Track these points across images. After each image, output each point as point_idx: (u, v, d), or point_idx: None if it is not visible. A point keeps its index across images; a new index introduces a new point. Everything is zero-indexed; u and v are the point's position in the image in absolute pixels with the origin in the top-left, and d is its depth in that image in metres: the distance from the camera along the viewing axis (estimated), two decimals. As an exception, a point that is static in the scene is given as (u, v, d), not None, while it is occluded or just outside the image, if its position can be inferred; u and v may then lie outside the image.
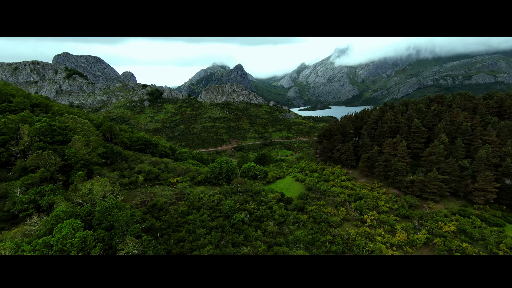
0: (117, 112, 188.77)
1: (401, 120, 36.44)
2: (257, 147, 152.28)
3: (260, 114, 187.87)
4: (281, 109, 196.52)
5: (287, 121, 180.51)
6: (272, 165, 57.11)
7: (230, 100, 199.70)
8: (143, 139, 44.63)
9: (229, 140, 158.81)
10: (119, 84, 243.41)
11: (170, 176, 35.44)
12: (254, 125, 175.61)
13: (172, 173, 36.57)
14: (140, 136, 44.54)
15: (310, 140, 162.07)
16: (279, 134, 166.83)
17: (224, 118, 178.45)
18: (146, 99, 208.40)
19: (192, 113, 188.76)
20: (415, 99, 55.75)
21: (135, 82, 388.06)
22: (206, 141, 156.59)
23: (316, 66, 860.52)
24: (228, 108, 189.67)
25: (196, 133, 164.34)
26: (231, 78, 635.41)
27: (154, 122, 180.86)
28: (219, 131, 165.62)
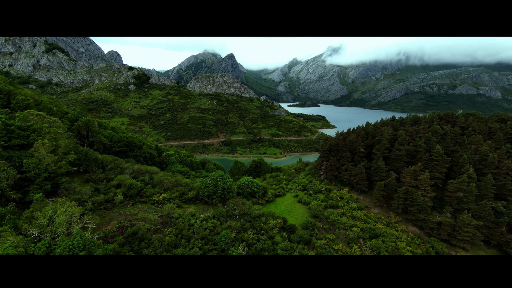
0: (99, 94, 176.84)
1: (420, 143, 32.89)
2: (246, 143, 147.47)
3: (250, 109, 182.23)
4: (272, 105, 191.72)
5: (277, 118, 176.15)
6: (269, 175, 52.29)
7: (220, 91, 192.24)
8: (125, 139, 38.19)
9: (217, 134, 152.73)
10: (104, 64, 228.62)
11: (156, 191, 29.89)
12: (243, 119, 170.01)
13: (158, 187, 30.96)
14: (122, 136, 38.02)
15: (300, 139, 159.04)
16: (269, 131, 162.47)
17: (213, 110, 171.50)
18: (131, 83, 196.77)
19: (180, 101, 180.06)
20: (424, 115, 52.51)
21: (121, 62, 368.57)
22: (193, 133, 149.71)
23: (308, 63, 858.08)
24: (218, 99, 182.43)
25: (183, 124, 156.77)
26: (221, 67, 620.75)
27: (139, 108, 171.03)
28: (207, 123, 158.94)
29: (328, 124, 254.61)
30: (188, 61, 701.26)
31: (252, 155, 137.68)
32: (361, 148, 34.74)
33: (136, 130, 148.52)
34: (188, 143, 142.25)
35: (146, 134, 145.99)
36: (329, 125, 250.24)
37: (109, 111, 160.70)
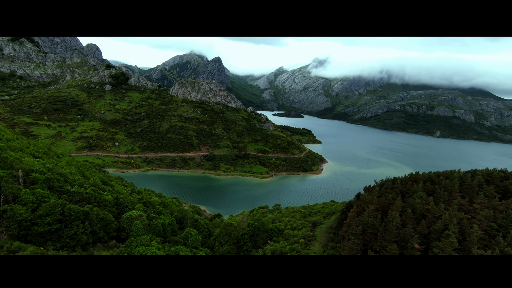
0: (69, 92, 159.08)
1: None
2: (230, 159, 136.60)
3: (236, 120, 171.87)
4: (259, 118, 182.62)
5: (264, 132, 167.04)
6: (270, 246, 39.19)
7: (205, 99, 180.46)
8: (59, 210, 22.50)
9: (199, 146, 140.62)
10: (78, 59, 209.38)
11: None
12: (229, 131, 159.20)
13: None
14: (57, 203, 23.07)
15: (287, 157, 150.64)
16: (255, 146, 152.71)
17: (197, 120, 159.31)
18: (108, 82, 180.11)
19: (160, 107, 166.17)
20: (444, 172, 44.67)
21: (100, 57, 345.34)
22: (172, 144, 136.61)
23: (294, 72, 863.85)
24: (202, 108, 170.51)
25: (162, 133, 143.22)
26: (207, 70, 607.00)
27: (113, 112, 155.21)
28: (189, 134, 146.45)
29: (314, 139, 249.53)
30: (173, 61, 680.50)
31: (237, 173, 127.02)
32: (415, 243, 25.32)
33: (107, 137, 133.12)
34: (166, 156, 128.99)
35: (119, 143, 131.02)
36: (315, 140, 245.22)
37: (78, 113, 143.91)
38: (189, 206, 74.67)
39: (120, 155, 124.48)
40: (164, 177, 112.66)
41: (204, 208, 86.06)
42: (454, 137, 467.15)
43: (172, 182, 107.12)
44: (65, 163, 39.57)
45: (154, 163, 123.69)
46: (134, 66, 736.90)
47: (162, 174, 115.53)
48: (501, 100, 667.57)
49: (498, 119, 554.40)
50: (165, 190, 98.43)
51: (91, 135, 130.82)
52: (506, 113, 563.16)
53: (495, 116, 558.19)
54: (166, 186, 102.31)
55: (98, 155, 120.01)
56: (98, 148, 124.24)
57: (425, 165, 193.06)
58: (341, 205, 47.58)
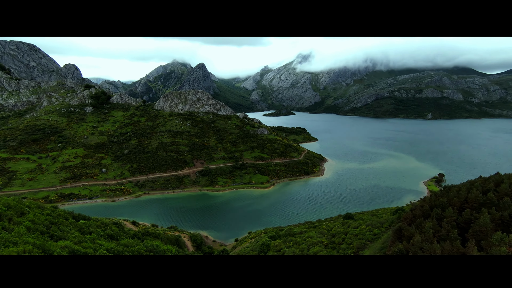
0: (47, 119, 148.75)
1: None
2: (227, 171, 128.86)
3: (229, 128, 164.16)
4: (252, 123, 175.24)
5: (259, 138, 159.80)
6: None
7: (194, 110, 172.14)
8: None
9: (193, 162, 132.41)
10: (54, 83, 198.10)
11: None
12: (222, 141, 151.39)
13: None
14: None
15: (287, 162, 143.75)
16: (252, 154, 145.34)
17: (187, 133, 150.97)
18: (88, 104, 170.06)
19: (147, 124, 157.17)
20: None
21: (80, 76, 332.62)
22: (164, 163, 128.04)
23: (279, 70, 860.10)
24: (191, 120, 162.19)
25: (152, 152, 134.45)
26: (192, 78, 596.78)
27: (97, 135, 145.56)
28: (181, 149, 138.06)
29: (309, 136, 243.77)
30: (157, 72, 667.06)
31: (236, 186, 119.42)
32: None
33: (93, 163, 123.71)
34: (158, 177, 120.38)
35: (106, 169, 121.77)
36: (311, 138, 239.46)
37: (59, 141, 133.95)
38: (189, 238, 66.78)
39: (109, 181, 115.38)
40: (158, 201, 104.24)
41: (206, 234, 78.28)
42: (445, 117, 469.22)
43: (168, 206, 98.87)
44: None
45: (147, 186, 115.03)
46: (117, 81, 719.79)
47: (156, 198, 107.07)
48: (485, 75, 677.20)
49: (485, 95, 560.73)
50: (161, 217, 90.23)
51: (75, 164, 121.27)
52: (492, 88, 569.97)
53: (482, 92, 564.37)
54: (162, 212, 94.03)
55: (85, 185, 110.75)
56: (83, 177, 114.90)
57: (425, 152, 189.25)
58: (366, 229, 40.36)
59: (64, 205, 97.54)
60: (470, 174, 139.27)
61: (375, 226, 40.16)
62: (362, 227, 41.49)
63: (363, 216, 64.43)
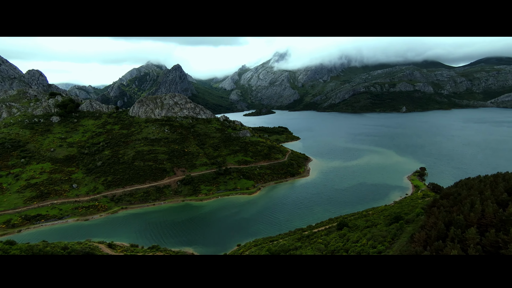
0: (7, 133, 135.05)
1: None
2: (210, 178, 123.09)
3: (210, 132, 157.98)
4: (234, 125, 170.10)
5: (242, 141, 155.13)
6: None
7: (171, 114, 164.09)
8: None
9: (173, 170, 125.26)
10: (14, 91, 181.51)
11: None
12: (203, 147, 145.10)
13: None
14: None
15: (271, 164, 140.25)
16: (235, 158, 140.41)
17: (165, 139, 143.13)
18: (55, 113, 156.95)
19: (121, 132, 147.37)
20: None
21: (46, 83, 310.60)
22: (142, 173, 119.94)
23: (257, 69, 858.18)
24: (169, 125, 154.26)
25: (128, 162, 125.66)
26: (169, 80, 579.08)
27: (66, 147, 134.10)
28: (160, 158, 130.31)
29: (292, 135, 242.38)
30: (130, 75, 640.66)
31: (221, 194, 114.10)
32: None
33: (63, 179, 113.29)
34: (136, 189, 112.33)
35: (77, 184, 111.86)
36: (293, 137, 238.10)
37: (22, 156, 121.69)
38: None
39: (81, 198, 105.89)
40: (137, 216, 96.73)
41: (191, 251, 72.64)
42: (418, 109, 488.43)
43: (148, 221, 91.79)
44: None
45: (124, 200, 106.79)
46: (88, 86, 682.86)
47: (135, 213, 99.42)
48: (452, 68, 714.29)
49: (453, 86, 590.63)
50: (141, 234, 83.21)
51: (41, 181, 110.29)
52: (459, 80, 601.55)
53: (450, 84, 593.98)
54: (142, 228, 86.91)
55: (53, 204, 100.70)
56: (52, 195, 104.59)
57: (405, 146, 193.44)
58: (368, 244, 37.06)
59: (29, 229, 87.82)
60: (449, 166, 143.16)
61: (377, 241, 37.04)
62: (363, 241, 38.22)
63: (357, 223, 61.88)
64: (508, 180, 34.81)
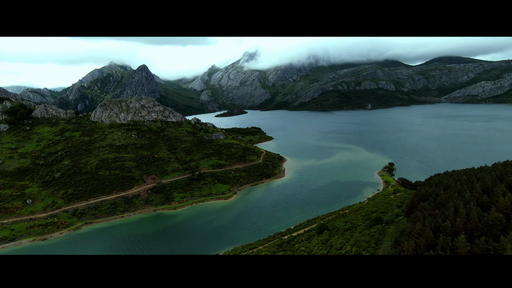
0: None
1: None
2: (184, 184, 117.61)
3: (181, 136, 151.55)
4: (206, 128, 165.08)
5: (215, 143, 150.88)
6: None
7: (139, 118, 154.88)
8: None
9: (142, 178, 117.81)
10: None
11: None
12: (175, 151, 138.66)
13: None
14: None
15: (247, 166, 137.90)
16: (209, 162, 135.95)
17: (133, 145, 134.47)
18: (3, 121, 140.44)
19: (82, 139, 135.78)
20: None
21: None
22: (108, 184, 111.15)
23: (227, 69, 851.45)
24: (137, 130, 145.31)
25: (91, 172, 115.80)
26: (134, 81, 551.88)
27: (17, 158, 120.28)
28: (127, 165, 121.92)
29: (265, 136, 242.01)
30: (92, 76, 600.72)
31: (195, 200, 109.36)
32: None
33: (14, 194, 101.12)
34: (102, 201, 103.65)
35: (32, 199, 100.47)
36: (267, 137, 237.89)
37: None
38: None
39: (37, 215, 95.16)
40: (104, 231, 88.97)
41: (166, 266, 67.68)
42: (382, 106, 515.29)
43: (116, 236, 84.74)
44: None
45: (88, 215, 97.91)
46: (43, 89, 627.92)
47: (101, 227, 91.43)
48: (410, 67, 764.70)
49: (411, 84, 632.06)
50: (108, 251, 76.25)
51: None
52: (417, 78, 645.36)
53: (409, 82, 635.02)
54: (109, 245, 79.86)
55: (3, 224, 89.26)
56: (1, 214, 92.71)
57: (373, 142, 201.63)
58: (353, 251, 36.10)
59: (-26, 256, 76.44)
60: (414, 160, 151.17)
61: (361, 247, 36.23)
62: (347, 248, 37.23)
63: (336, 224, 61.61)
64: (481, 178, 35.71)
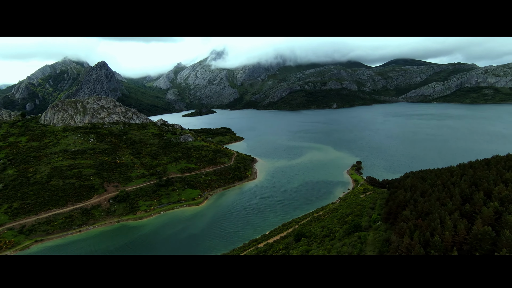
0: None
1: None
2: (150, 191, 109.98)
3: (146, 139, 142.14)
4: (174, 130, 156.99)
5: (184, 146, 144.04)
6: None
7: (97, 121, 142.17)
8: None
9: (103, 186, 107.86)
10: None
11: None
12: (139, 156, 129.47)
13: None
14: None
15: (218, 169, 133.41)
16: (177, 166, 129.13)
17: (91, 150, 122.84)
18: None
19: (30, 145, 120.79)
20: None
21: None
22: (62, 194, 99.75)
23: (194, 67, 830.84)
24: (96, 133, 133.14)
25: (42, 182, 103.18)
26: (92, 79, 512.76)
27: None
28: (85, 173, 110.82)
29: (235, 136, 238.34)
30: (43, 73, 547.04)
31: (163, 208, 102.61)
32: None
33: None
34: (55, 214, 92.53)
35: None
36: (237, 138, 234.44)
37: None
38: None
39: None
40: (58, 249, 79.13)
41: (132, 285, 61.57)
42: (346, 106, 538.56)
43: (73, 254, 75.67)
44: None
45: (39, 231, 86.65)
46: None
47: (54, 245, 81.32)
48: (371, 68, 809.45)
49: (372, 84, 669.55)
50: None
51: None
52: (377, 79, 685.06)
53: (370, 82, 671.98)
54: (65, 265, 70.86)
55: None
56: None
57: (340, 141, 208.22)
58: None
59: None
60: (379, 158, 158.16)
61: (344, 259, 34.79)
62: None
63: (312, 229, 60.53)
64: (457, 184, 36.17)
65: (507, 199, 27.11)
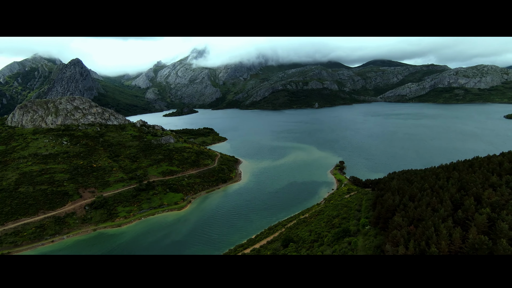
0: None
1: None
2: (130, 196, 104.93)
3: (124, 141, 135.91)
4: (154, 131, 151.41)
5: (165, 148, 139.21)
6: None
7: (71, 122, 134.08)
8: None
9: (78, 192, 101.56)
10: None
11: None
12: (118, 159, 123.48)
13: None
14: None
15: (201, 172, 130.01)
16: (158, 169, 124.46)
17: (65, 154, 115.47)
18: None
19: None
20: None
21: None
22: (32, 202, 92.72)
23: (175, 66, 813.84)
24: (69, 136, 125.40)
25: (9, 189, 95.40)
26: (66, 77, 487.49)
27: None
28: (58, 178, 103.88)
29: (218, 137, 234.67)
30: (10, 70, 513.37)
31: (144, 214, 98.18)
32: None
33: None
34: (25, 224, 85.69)
35: None
36: (220, 138, 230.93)
37: None
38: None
39: None
40: (28, 262, 73.03)
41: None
42: (328, 105, 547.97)
43: (45, 267, 70.09)
44: None
45: (5, 243, 79.80)
46: None
47: (24, 258, 74.98)
48: (350, 69, 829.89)
49: (352, 84, 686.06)
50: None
51: None
52: (356, 79, 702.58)
53: (350, 82, 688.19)
54: (35, 280, 65.41)
55: None
56: None
57: (323, 141, 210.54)
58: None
59: None
60: (361, 157, 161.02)
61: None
62: None
63: (300, 233, 59.54)
64: (445, 188, 36.18)
65: (498, 205, 27.12)
